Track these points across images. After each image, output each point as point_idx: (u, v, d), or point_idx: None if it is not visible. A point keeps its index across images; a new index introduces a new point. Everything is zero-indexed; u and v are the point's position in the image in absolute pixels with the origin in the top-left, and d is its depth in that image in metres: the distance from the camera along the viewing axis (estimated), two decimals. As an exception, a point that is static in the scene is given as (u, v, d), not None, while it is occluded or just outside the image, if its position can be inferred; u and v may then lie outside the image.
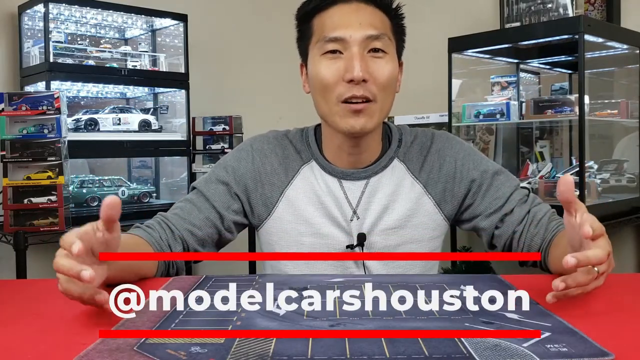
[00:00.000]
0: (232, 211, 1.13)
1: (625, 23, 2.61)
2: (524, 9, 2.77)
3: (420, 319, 0.66)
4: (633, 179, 2.52)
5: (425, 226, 1.13)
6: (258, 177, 1.14)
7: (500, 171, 1.15)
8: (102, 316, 0.71)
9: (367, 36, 1.04)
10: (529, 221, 1.08)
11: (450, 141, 1.17)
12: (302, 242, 1.12)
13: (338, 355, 0.55)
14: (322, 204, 1.11)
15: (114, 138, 2.61)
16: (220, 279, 0.88)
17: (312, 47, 1.09)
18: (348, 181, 1.12)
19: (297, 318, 0.66)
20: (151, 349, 0.57)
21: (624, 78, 2.67)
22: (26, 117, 2.22)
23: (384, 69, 1.05)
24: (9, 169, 2.21)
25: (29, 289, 0.90)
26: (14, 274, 2.16)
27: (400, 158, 1.14)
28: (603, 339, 0.58)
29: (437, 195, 1.13)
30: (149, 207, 2.66)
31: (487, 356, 0.54)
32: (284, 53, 3.18)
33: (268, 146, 1.17)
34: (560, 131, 2.76)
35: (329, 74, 1.04)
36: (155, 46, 2.94)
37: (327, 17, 1.07)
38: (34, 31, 2.59)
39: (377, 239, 1.11)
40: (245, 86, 3.32)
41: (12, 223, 2.19)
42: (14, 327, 0.68)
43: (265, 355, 0.55)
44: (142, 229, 1.06)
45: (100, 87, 2.80)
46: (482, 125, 2.73)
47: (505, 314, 0.68)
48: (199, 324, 0.65)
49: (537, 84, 2.92)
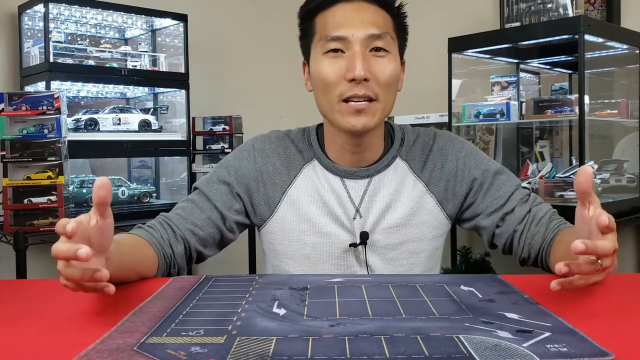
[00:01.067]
0: (234, 211, 1.13)
1: (625, 23, 2.61)
2: (524, 9, 2.77)
3: (420, 319, 0.66)
4: (633, 179, 2.52)
5: (427, 225, 1.13)
6: (260, 177, 1.14)
7: (502, 170, 1.15)
8: (102, 316, 0.71)
9: (369, 35, 1.04)
10: (529, 220, 1.09)
11: (452, 140, 1.17)
12: (304, 241, 1.12)
13: (338, 355, 0.55)
14: (324, 202, 1.12)
15: (114, 138, 2.61)
16: (221, 278, 0.89)
17: (314, 45, 1.09)
18: (351, 180, 1.12)
19: (297, 318, 0.66)
20: (151, 349, 0.57)
21: (624, 78, 2.67)
22: (26, 117, 2.22)
23: (386, 68, 1.05)
24: (9, 169, 2.21)
25: (29, 289, 0.90)
26: (14, 274, 2.16)
27: (403, 157, 1.14)
28: (603, 339, 0.58)
29: (439, 193, 1.13)
30: (149, 207, 2.66)
31: (487, 356, 0.54)
32: (284, 53, 3.18)
33: (270, 146, 1.17)
34: (560, 131, 2.76)
35: (330, 73, 1.04)
36: (155, 46, 2.94)
37: (329, 16, 1.07)
38: (34, 31, 2.59)
39: (379, 237, 1.11)
40: (245, 86, 3.32)
41: (12, 223, 2.19)
42: (14, 327, 0.68)
43: (265, 355, 0.55)
44: (143, 229, 1.06)
45: (100, 87, 2.80)
46: (482, 125, 2.73)
47: (505, 314, 0.68)
48: (199, 324, 0.65)
49: (537, 84, 2.92)
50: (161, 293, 0.80)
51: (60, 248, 0.68)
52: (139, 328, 0.64)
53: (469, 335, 0.60)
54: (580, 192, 0.75)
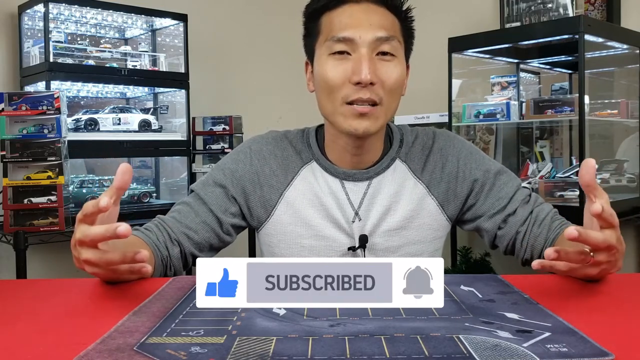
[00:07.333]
0: (230, 214, 1.12)
1: (625, 23, 2.61)
2: (524, 9, 2.77)
3: (420, 319, 0.66)
4: (633, 179, 2.52)
5: (428, 227, 1.12)
6: (256, 179, 1.13)
7: (503, 171, 1.14)
8: (102, 316, 0.71)
9: (376, 38, 1.02)
10: (531, 221, 1.08)
11: (452, 140, 1.16)
12: (302, 245, 1.11)
13: (338, 355, 0.55)
14: (323, 205, 1.10)
15: (114, 138, 2.61)
16: (220, 279, 0.88)
17: (319, 45, 1.07)
18: (350, 182, 1.11)
19: (297, 318, 0.66)
20: (151, 349, 0.57)
21: (624, 78, 2.67)
22: (26, 117, 2.22)
23: (392, 72, 1.03)
24: (9, 169, 2.21)
25: (29, 289, 0.90)
26: (14, 274, 2.16)
27: (402, 158, 1.13)
28: (603, 339, 0.58)
29: (440, 195, 1.12)
30: (149, 207, 2.67)
31: (487, 356, 0.54)
32: (284, 53, 3.19)
33: (267, 147, 1.15)
34: (560, 131, 2.76)
35: (335, 75, 1.02)
36: (155, 46, 2.94)
37: (335, 16, 1.05)
38: (34, 31, 2.59)
39: (379, 240, 1.10)
40: (245, 86, 3.32)
41: (12, 223, 2.19)
42: (14, 327, 0.68)
43: (265, 355, 0.55)
44: (140, 231, 1.05)
45: (100, 87, 2.80)
46: (482, 125, 2.73)
47: (505, 314, 0.68)
48: (199, 324, 0.65)
49: (537, 84, 2.92)
50: (161, 293, 0.80)
51: (97, 231, 0.72)
52: (139, 328, 0.64)
53: (469, 335, 0.59)
54: (584, 185, 0.75)
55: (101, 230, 0.72)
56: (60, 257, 2.60)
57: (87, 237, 0.74)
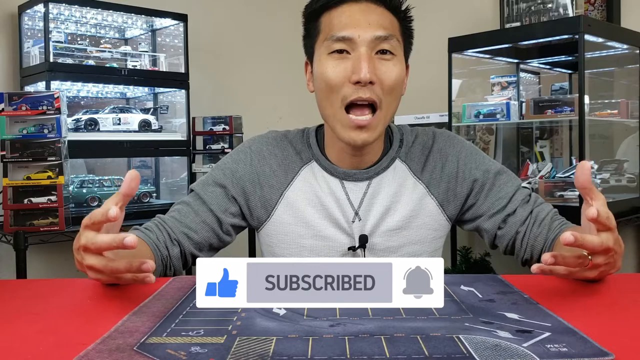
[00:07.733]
0: (230, 214, 1.12)
1: (625, 23, 2.61)
2: (524, 9, 2.77)
3: (420, 318, 0.66)
4: (633, 179, 2.52)
5: (428, 227, 1.12)
6: (256, 179, 1.13)
7: (502, 170, 1.14)
8: (102, 316, 0.71)
9: (375, 37, 1.02)
10: (531, 221, 1.08)
11: (452, 140, 1.16)
12: (302, 245, 1.11)
13: (338, 355, 0.55)
14: (323, 205, 1.10)
15: (114, 138, 2.61)
16: (220, 279, 0.88)
17: (318, 45, 1.07)
18: (350, 182, 1.11)
19: (297, 318, 0.66)
20: (151, 349, 0.57)
21: (624, 78, 2.67)
22: (26, 117, 2.22)
23: (391, 71, 1.03)
24: (9, 169, 2.21)
25: (29, 289, 0.90)
26: (14, 274, 2.16)
27: (402, 158, 1.13)
28: (603, 339, 0.58)
29: (440, 195, 1.12)
30: (149, 207, 2.66)
31: (487, 356, 0.54)
32: (284, 53, 3.19)
33: (267, 147, 1.15)
34: (560, 131, 2.76)
35: (335, 75, 1.02)
36: (155, 46, 2.94)
37: (335, 16, 1.05)
38: (34, 31, 2.59)
39: (379, 240, 1.10)
40: (245, 86, 3.32)
41: (12, 223, 2.19)
42: (14, 327, 0.68)
43: (265, 355, 0.55)
44: (140, 231, 1.05)
45: (100, 87, 2.80)
46: (482, 125, 2.73)
47: (505, 314, 0.68)
48: (199, 324, 0.65)
49: (537, 84, 2.92)
50: (161, 293, 0.80)
51: (104, 240, 0.73)
52: (139, 328, 0.64)
53: (469, 335, 0.59)
54: (579, 187, 0.75)
55: (108, 240, 0.73)
56: (60, 257, 2.60)
57: (93, 244, 0.74)
